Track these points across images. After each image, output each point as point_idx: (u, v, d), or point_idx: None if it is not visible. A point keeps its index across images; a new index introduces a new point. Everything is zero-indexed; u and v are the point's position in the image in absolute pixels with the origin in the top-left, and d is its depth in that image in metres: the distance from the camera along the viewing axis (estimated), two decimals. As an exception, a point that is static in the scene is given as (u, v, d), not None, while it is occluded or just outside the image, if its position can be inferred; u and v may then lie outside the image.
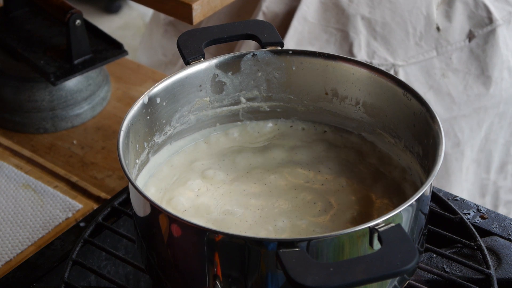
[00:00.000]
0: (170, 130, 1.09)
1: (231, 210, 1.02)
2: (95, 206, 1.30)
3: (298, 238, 0.84)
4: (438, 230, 1.12)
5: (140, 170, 1.05)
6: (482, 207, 1.18)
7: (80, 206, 1.30)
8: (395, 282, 0.94)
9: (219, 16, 1.90)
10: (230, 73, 1.10)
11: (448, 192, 1.20)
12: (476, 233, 1.12)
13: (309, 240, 0.84)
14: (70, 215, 1.29)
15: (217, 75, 1.09)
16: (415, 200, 0.89)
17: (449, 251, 1.11)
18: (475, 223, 1.16)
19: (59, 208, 1.30)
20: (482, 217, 1.17)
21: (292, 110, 1.14)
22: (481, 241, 1.11)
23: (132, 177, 0.96)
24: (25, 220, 1.28)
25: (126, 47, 1.50)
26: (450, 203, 1.17)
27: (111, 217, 1.18)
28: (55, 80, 1.41)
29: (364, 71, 1.08)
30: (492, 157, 1.91)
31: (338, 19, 1.77)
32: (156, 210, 0.90)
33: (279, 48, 1.09)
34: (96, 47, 1.48)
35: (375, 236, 0.84)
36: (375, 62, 1.76)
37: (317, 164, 1.09)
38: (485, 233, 1.15)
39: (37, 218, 1.28)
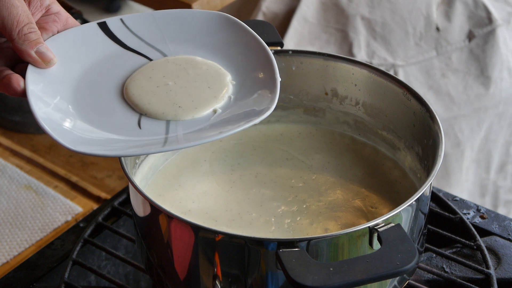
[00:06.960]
0: (170, 130, 1.09)
1: (232, 209, 1.02)
2: (95, 206, 1.30)
3: (298, 238, 0.84)
4: (438, 230, 1.12)
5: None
6: (482, 207, 1.18)
7: (80, 209, 1.30)
8: (395, 282, 0.94)
9: (219, 16, 1.90)
10: (230, 73, 1.10)
11: (448, 192, 1.20)
12: (476, 233, 1.12)
13: (309, 240, 0.84)
14: (69, 218, 1.29)
15: (217, 75, 1.09)
16: (415, 200, 0.89)
17: (449, 251, 1.11)
18: (475, 223, 1.16)
19: (59, 211, 1.30)
20: (482, 217, 1.17)
21: (292, 110, 1.14)
22: (481, 241, 1.11)
23: (132, 177, 0.95)
24: (24, 222, 1.28)
25: (126, 47, 1.50)
26: (450, 203, 1.17)
27: (111, 217, 1.18)
28: (55, 80, 1.41)
29: (364, 71, 1.07)
30: (492, 157, 1.91)
31: (338, 19, 1.77)
32: (156, 210, 0.90)
33: (279, 48, 1.09)
34: (96, 47, 1.48)
35: (375, 236, 0.84)
36: (375, 62, 1.76)
37: (317, 164, 1.09)
38: (485, 233, 1.15)
39: (36, 221, 1.28)
